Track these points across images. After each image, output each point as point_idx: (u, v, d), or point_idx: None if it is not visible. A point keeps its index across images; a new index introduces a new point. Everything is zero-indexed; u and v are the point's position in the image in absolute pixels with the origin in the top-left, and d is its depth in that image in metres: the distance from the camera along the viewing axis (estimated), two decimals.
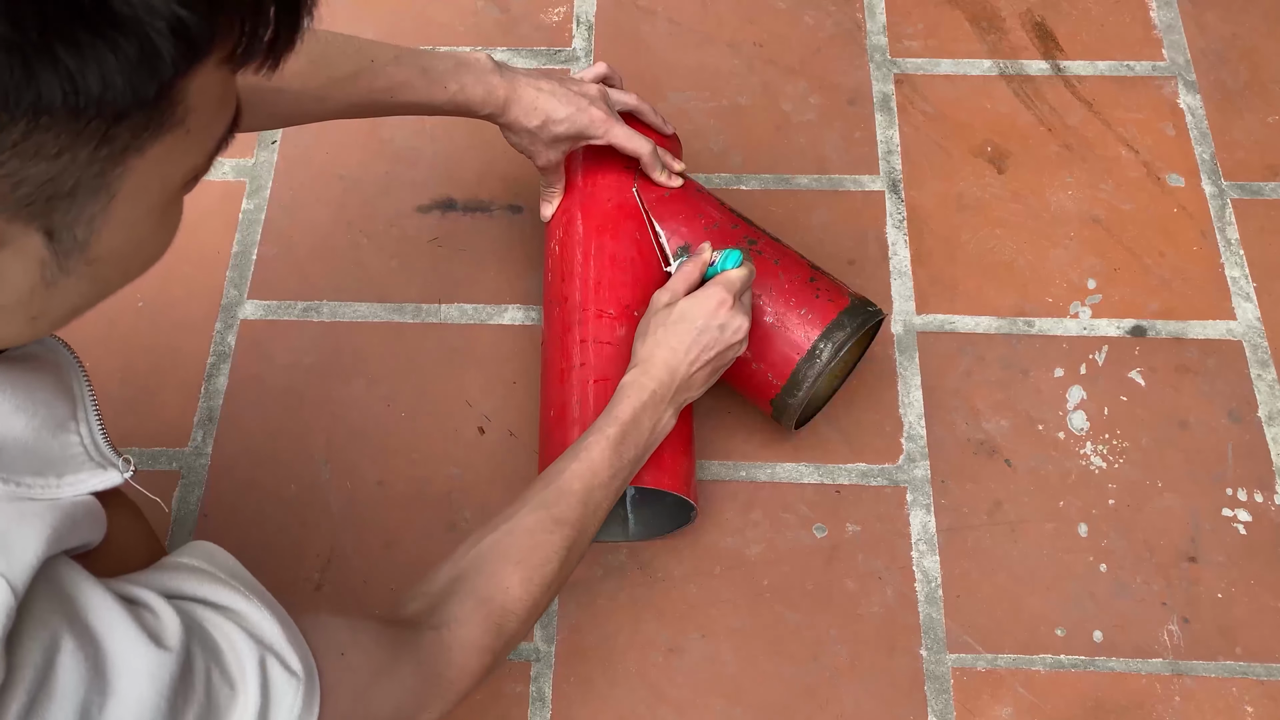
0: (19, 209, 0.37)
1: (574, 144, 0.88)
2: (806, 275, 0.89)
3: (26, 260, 0.40)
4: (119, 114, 0.36)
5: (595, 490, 0.73)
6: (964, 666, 0.87)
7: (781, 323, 0.86)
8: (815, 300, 0.87)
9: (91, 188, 0.39)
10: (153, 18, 0.35)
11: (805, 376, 0.85)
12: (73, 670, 0.42)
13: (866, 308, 0.88)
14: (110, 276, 0.44)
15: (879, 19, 1.18)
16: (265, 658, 0.51)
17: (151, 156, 0.39)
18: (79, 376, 0.53)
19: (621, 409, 0.77)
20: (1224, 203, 1.07)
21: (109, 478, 0.50)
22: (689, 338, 0.79)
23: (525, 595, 0.67)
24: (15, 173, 0.36)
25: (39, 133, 0.35)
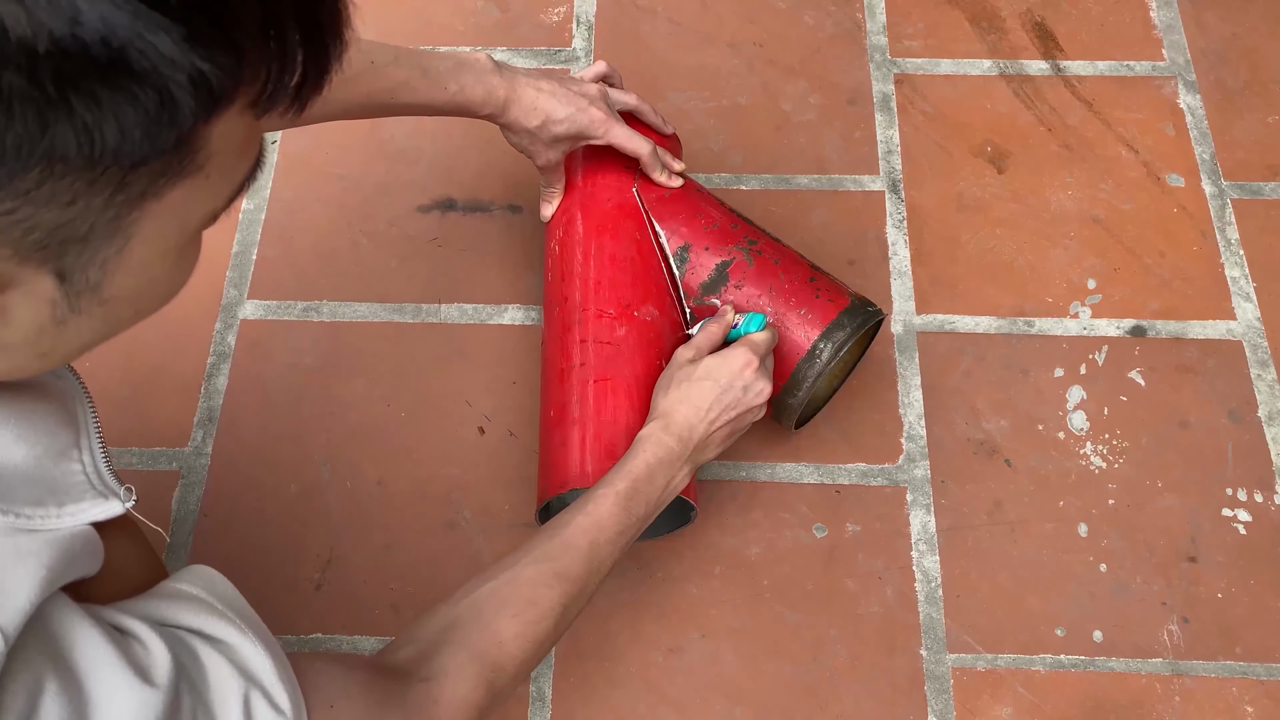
0: (31, 253, 0.37)
1: (574, 144, 0.88)
2: (806, 275, 0.89)
3: (36, 301, 0.39)
4: (136, 163, 0.36)
5: (601, 547, 0.71)
6: (964, 666, 0.87)
7: (781, 322, 0.86)
8: (815, 300, 0.87)
9: (106, 232, 0.38)
10: (172, 70, 0.34)
11: (805, 376, 0.85)
12: (54, 715, 0.41)
13: (866, 308, 0.88)
14: (123, 315, 0.43)
15: (879, 19, 1.18)
16: (250, 694, 0.50)
17: (169, 202, 0.39)
18: (84, 403, 0.52)
19: (636, 463, 0.75)
20: (1224, 203, 1.07)
21: (110, 507, 0.49)
22: (711, 396, 0.79)
23: (518, 651, 0.66)
24: (28, 219, 0.35)
25: (53, 181, 0.35)
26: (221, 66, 0.35)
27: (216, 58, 0.35)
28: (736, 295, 0.87)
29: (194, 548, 0.92)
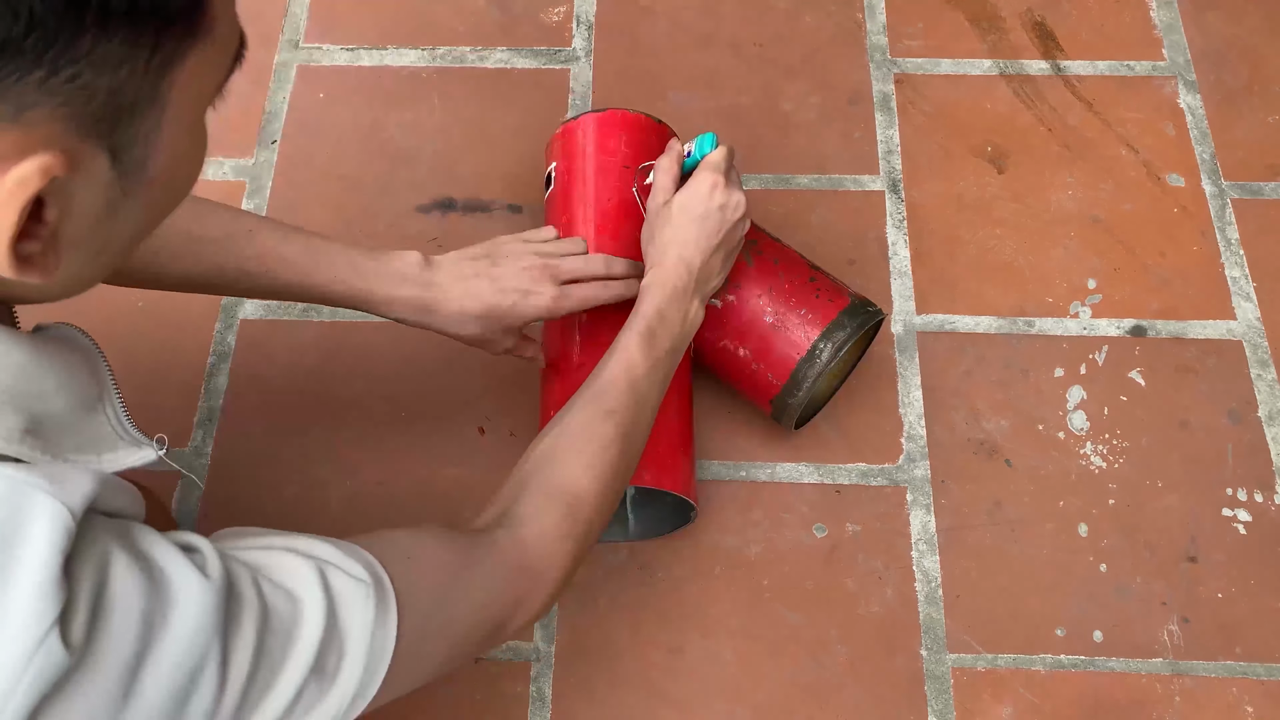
0: (91, 126, 0.39)
1: (528, 324, 0.83)
2: (806, 275, 0.88)
3: (95, 185, 0.41)
4: (168, 19, 0.39)
5: (638, 381, 0.73)
6: (964, 666, 0.87)
7: (781, 323, 0.86)
8: (815, 300, 0.87)
9: (148, 99, 0.41)
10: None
11: (805, 376, 0.85)
12: (128, 581, 0.42)
13: (866, 308, 0.88)
14: (161, 199, 0.46)
15: (879, 19, 1.18)
16: (324, 568, 0.50)
17: (189, 68, 0.42)
18: (101, 360, 0.53)
19: (646, 307, 0.76)
20: (1224, 203, 1.07)
21: (145, 454, 0.51)
22: (694, 228, 0.79)
23: (592, 482, 0.67)
24: (88, 85, 0.38)
25: (105, 42, 0.38)
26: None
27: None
28: (736, 295, 0.87)
29: None
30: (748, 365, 0.88)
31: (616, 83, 1.14)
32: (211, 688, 0.44)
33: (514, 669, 0.87)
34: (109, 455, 0.49)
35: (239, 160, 1.10)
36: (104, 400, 0.50)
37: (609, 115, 0.95)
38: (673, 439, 0.85)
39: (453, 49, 1.17)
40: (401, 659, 0.52)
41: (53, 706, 0.39)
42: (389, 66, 1.16)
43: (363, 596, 0.51)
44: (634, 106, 1.02)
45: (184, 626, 0.43)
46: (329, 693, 0.49)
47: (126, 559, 0.43)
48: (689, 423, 0.89)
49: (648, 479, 0.82)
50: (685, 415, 0.88)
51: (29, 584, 0.39)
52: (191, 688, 0.43)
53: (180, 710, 0.43)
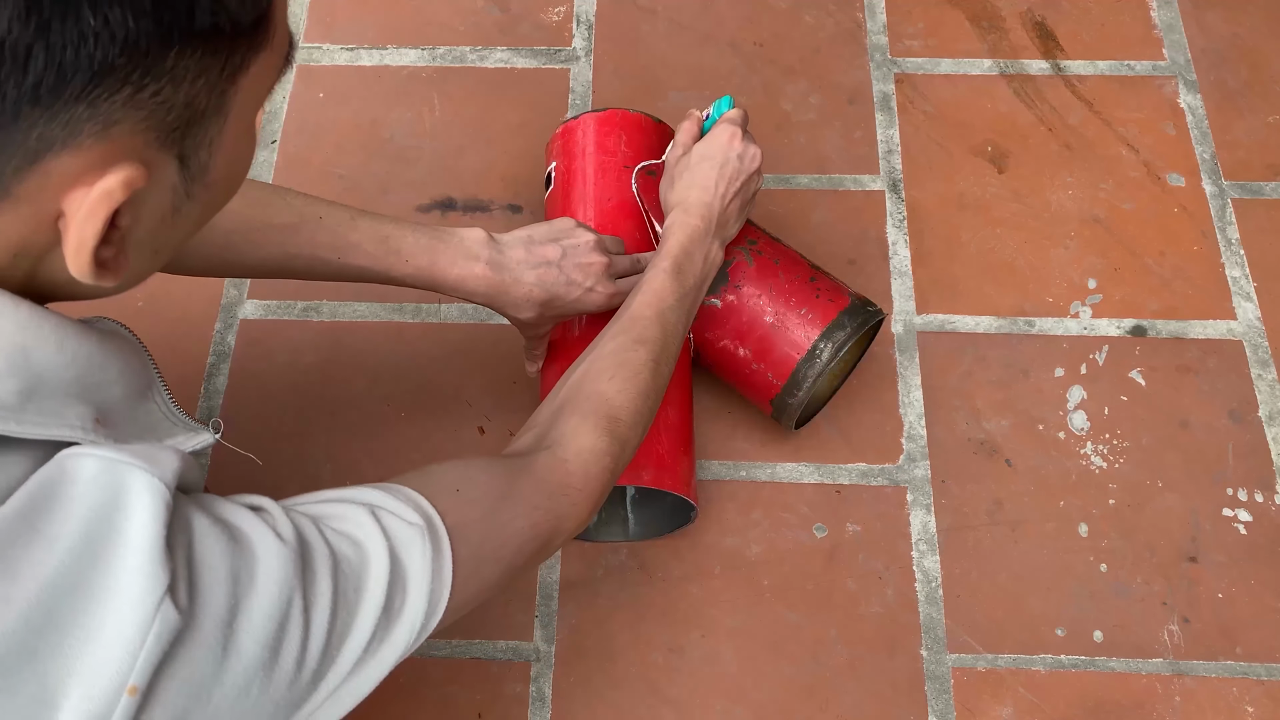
0: (167, 135, 0.41)
1: (571, 316, 0.85)
2: (807, 275, 0.88)
3: (163, 190, 0.43)
4: (240, 32, 0.41)
5: (666, 312, 0.75)
6: (964, 666, 0.87)
7: (782, 322, 0.86)
8: (816, 300, 0.87)
9: (215, 108, 0.42)
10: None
11: (805, 376, 0.85)
12: (215, 545, 0.44)
13: (867, 308, 0.88)
14: (216, 199, 0.47)
15: (879, 18, 1.18)
16: (377, 512, 0.52)
17: (252, 74, 0.43)
18: (145, 352, 0.54)
19: (671, 244, 0.80)
20: (1224, 202, 1.07)
21: (204, 438, 0.52)
22: (714, 173, 0.83)
23: (626, 401, 0.69)
24: (168, 99, 0.40)
25: (186, 58, 0.39)
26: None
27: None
28: (736, 295, 0.87)
29: None
30: (748, 365, 0.88)
31: (616, 82, 1.14)
32: (299, 634, 0.46)
33: (514, 669, 0.87)
34: (170, 441, 0.50)
35: None
36: (153, 389, 0.52)
37: (609, 115, 0.95)
38: (673, 439, 0.85)
39: (453, 49, 1.17)
40: (460, 587, 0.54)
41: (169, 665, 0.41)
42: (389, 66, 1.16)
43: (419, 538, 0.53)
44: (634, 106, 1.02)
45: (268, 580, 0.45)
46: (398, 628, 0.51)
47: (209, 523, 0.45)
48: (689, 422, 0.89)
49: (648, 479, 0.82)
50: (686, 415, 0.88)
51: (141, 555, 0.41)
52: (281, 635, 0.45)
53: (274, 658, 0.45)
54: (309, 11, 1.19)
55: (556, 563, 0.91)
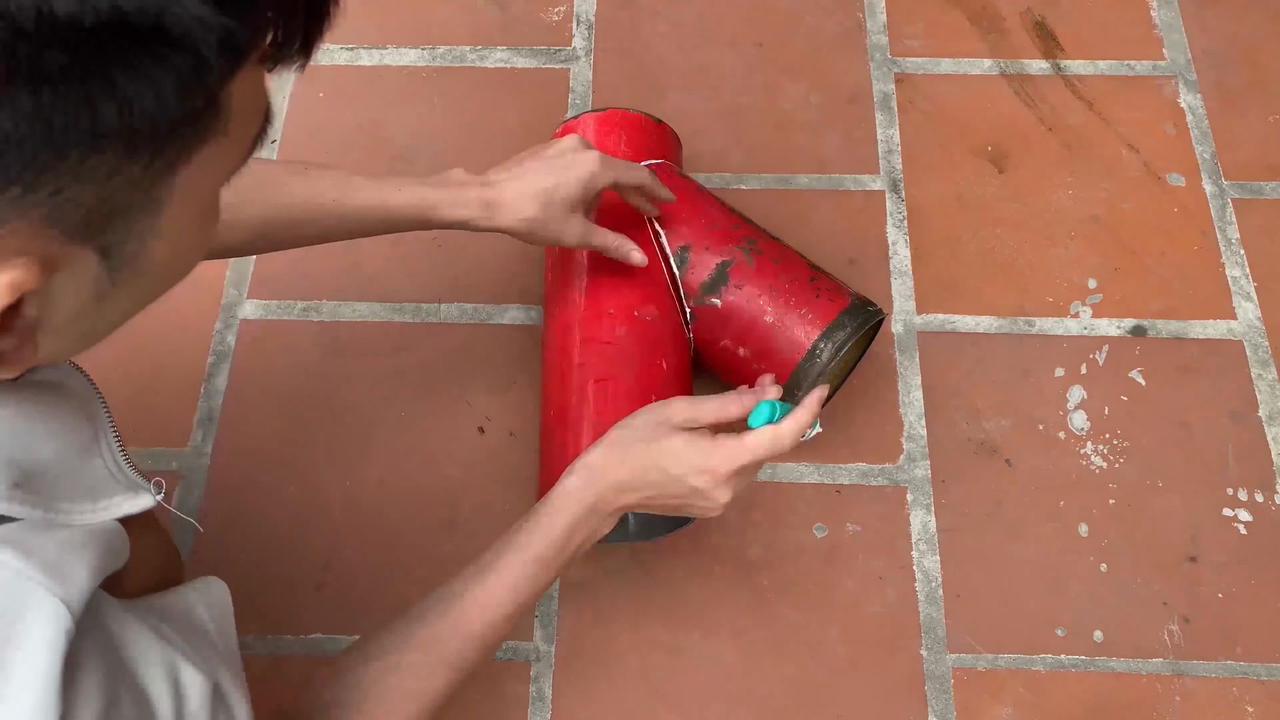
0: (77, 231, 0.37)
1: (587, 205, 0.81)
2: (807, 275, 0.88)
3: (81, 280, 0.39)
4: (171, 129, 0.37)
5: (497, 626, 0.66)
6: (964, 666, 0.87)
7: (782, 322, 0.86)
8: (816, 300, 0.87)
9: (144, 202, 0.39)
10: (204, 32, 0.35)
11: (805, 376, 0.85)
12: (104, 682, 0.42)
13: (867, 307, 0.88)
14: (156, 285, 0.44)
15: (879, 18, 1.18)
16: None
17: (197, 164, 0.39)
18: (98, 402, 0.52)
19: (555, 526, 0.67)
20: (1224, 202, 1.07)
21: (142, 501, 0.50)
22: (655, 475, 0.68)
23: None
24: (74, 197, 0.36)
25: (95, 155, 0.35)
26: (245, 21, 0.36)
27: (241, 13, 0.36)
28: (737, 295, 0.87)
29: (194, 549, 0.92)
30: (748, 365, 0.88)
31: (616, 82, 1.14)
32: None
33: (514, 669, 0.87)
34: (105, 502, 0.48)
35: None
36: (100, 443, 0.49)
37: (609, 115, 0.95)
38: None
39: (453, 48, 1.17)
40: None
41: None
42: (389, 66, 1.16)
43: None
44: (634, 106, 1.02)
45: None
46: None
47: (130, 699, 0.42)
48: None
49: None
50: None
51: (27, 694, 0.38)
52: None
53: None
54: None
55: None
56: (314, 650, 0.87)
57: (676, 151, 0.98)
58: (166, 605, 0.53)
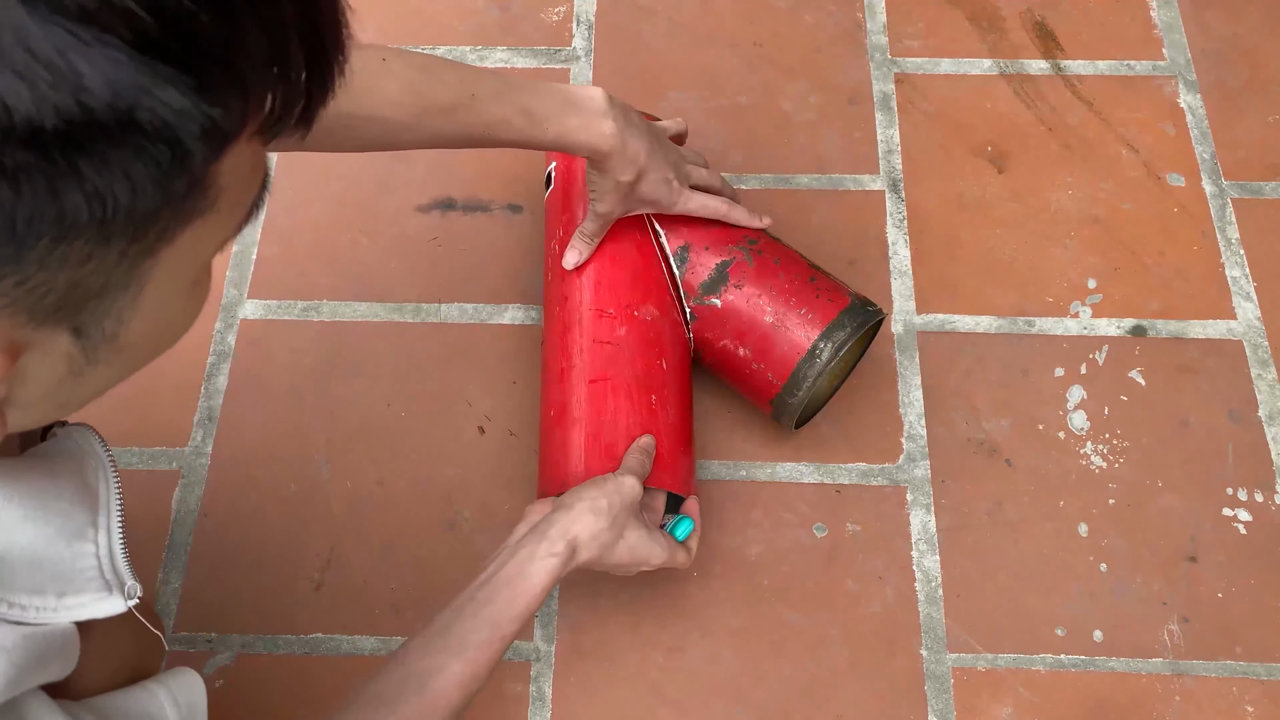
0: (47, 315, 0.36)
1: (643, 207, 0.86)
2: (807, 275, 0.88)
3: (53, 359, 0.38)
4: (148, 215, 0.34)
5: (470, 695, 0.67)
6: (964, 666, 0.87)
7: (782, 322, 0.86)
8: (816, 300, 0.87)
9: (121, 283, 0.37)
10: (183, 121, 0.32)
11: (805, 376, 0.85)
12: None
13: (866, 307, 0.88)
14: (139, 358, 0.42)
15: (879, 18, 1.18)
16: None
17: (181, 243, 0.37)
18: (107, 477, 0.50)
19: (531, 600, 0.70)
20: (1224, 202, 1.07)
21: (112, 604, 0.47)
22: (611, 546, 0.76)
23: None
24: (42, 284, 0.34)
25: (65, 245, 0.33)
26: (231, 109, 0.34)
27: (226, 102, 0.33)
28: (736, 295, 0.87)
29: (194, 548, 0.92)
30: (748, 365, 0.88)
31: (616, 82, 1.14)
32: None
33: (514, 669, 0.87)
34: (71, 600, 0.45)
35: None
36: (97, 525, 0.47)
37: None
38: (674, 439, 0.85)
39: (453, 48, 1.17)
40: None
41: None
42: None
43: None
44: (634, 106, 1.01)
45: None
46: None
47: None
48: (689, 422, 0.89)
49: (649, 480, 0.82)
50: (686, 415, 0.88)
51: None
52: None
53: None
54: None
55: None
56: (313, 649, 0.87)
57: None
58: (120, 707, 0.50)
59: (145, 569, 0.91)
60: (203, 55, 0.32)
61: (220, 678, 0.87)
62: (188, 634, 0.88)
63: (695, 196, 0.87)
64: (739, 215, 0.90)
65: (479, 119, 0.76)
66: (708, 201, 0.88)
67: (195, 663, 0.87)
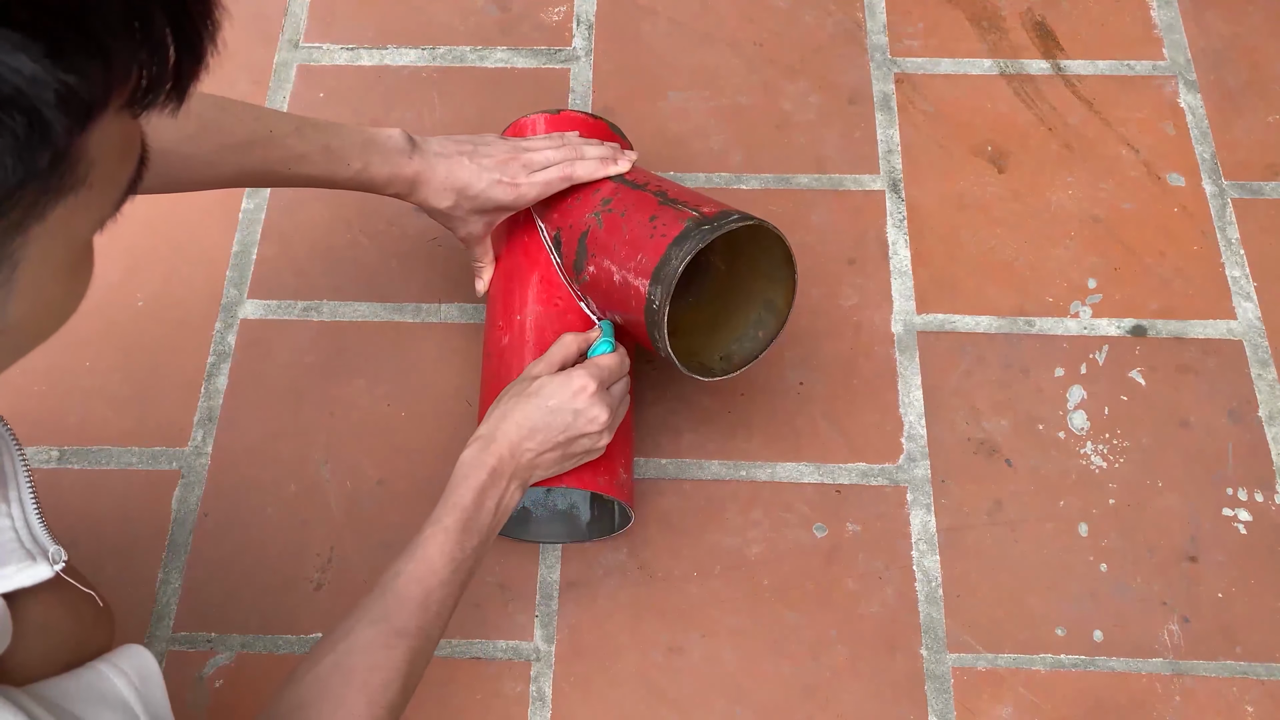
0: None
1: (495, 216, 0.86)
2: (649, 214, 0.80)
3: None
4: (11, 191, 0.33)
5: (435, 591, 0.68)
6: (964, 666, 0.87)
7: (625, 280, 0.79)
8: (650, 241, 0.78)
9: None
10: (38, 90, 0.31)
11: (654, 326, 0.77)
12: None
13: (703, 226, 0.76)
14: (22, 342, 0.40)
15: (879, 18, 1.18)
16: None
17: (54, 221, 0.35)
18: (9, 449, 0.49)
19: (461, 493, 0.72)
20: (1224, 202, 1.07)
21: (38, 571, 0.46)
22: (539, 417, 0.75)
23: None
24: None
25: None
26: (90, 76, 0.32)
27: (83, 67, 0.32)
28: (595, 265, 0.82)
29: (194, 547, 0.92)
30: (633, 330, 0.82)
31: (616, 82, 1.14)
32: None
33: (514, 669, 0.87)
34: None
35: None
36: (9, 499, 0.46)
37: (562, 116, 0.91)
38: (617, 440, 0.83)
39: (453, 48, 1.17)
40: None
41: None
42: (389, 66, 1.16)
43: None
44: (634, 106, 1.02)
45: None
46: None
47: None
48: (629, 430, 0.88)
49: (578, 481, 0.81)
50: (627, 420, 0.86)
51: None
52: None
53: None
54: (309, 11, 1.19)
55: (557, 562, 0.91)
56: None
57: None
58: (69, 691, 0.50)
59: (145, 569, 0.91)
60: (52, 17, 0.31)
61: (220, 678, 0.87)
62: (188, 634, 0.88)
63: (535, 182, 0.83)
64: (584, 171, 0.84)
65: (279, 154, 0.76)
66: (548, 177, 0.83)
67: (195, 663, 0.87)
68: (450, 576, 0.70)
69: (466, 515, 0.71)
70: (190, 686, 0.86)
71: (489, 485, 0.73)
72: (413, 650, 0.67)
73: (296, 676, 0.64)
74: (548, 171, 0.84)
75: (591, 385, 0.76)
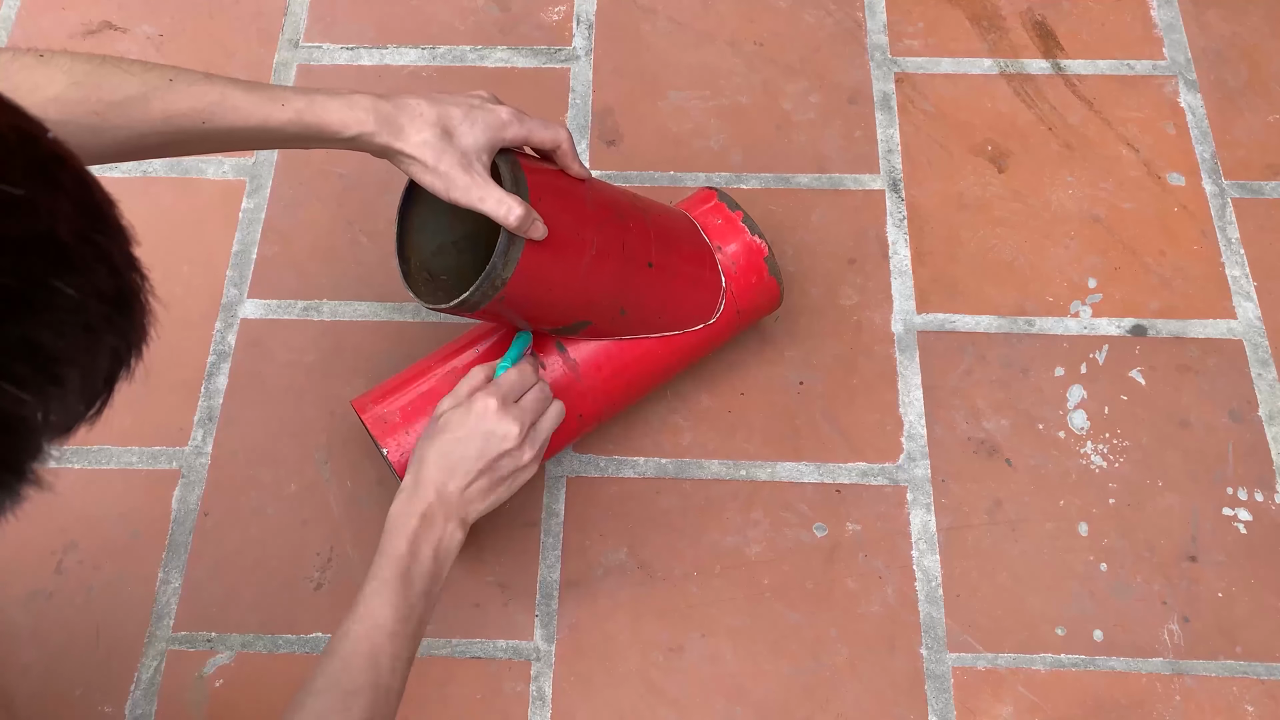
0: None
1: (490, 151, 0.74)
2: None
3: None
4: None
5: (383, 645, 0.68)
6: (964, 666, 0.87)
7: None
8: None
9: None
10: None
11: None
12: None
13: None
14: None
15: (879, 18, 1.18)
16: None
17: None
18: None
19: (395, 544, 0.71)
20: (1224, 202, 1.07)
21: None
22: (451, 450, 0.73)
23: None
24: None
25: None
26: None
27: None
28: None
29: (194, 547, 0.92)
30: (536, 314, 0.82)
31: (616, 82, 1.14)
32: None
33: (514, 668, 0.87)
34: None
35: (239, 159, 1.10)
36: None
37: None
38: None
39: (453, 48, 1.17)
40: None
41: None
42: (389, 66, 1.16)
43: None
44: (634, 106, 1.02)
45: None
46: None
47: None
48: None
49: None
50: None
51: None
52: None
53: None
54: (309, 11, 1.19)
55: (556, 562, 0.91)
56: (313, 649, 0.87)
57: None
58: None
59: (145, 568, 0.91)
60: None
61: (220, 678, 0.87)
62: (188, 633, 0.88)
63: (531, 121, 0.75)
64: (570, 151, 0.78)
65: (186, 104, 0.65)
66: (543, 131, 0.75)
67: (195, 662, 0.87)
68: (399, 628, 0.69)
69: (403, 565, 0.70)
70: (190, 686, 0.86)
71: (421, 531, 0.72)
72: (370, 704, 0.66)
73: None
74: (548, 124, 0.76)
75: (493, 403, 0.74)
